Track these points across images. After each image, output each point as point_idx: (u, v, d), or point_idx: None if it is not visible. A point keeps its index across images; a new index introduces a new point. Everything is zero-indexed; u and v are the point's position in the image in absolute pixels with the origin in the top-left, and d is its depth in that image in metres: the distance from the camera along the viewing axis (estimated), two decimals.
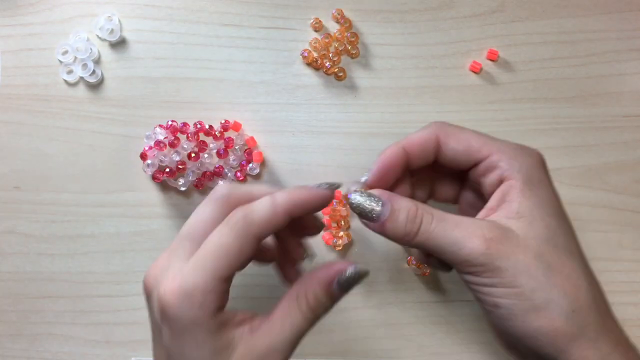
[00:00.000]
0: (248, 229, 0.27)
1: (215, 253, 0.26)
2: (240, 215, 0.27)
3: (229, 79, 0.44)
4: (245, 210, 0.27)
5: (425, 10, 0.45)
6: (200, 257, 0.26)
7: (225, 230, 0.27)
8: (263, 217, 0.27)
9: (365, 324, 0.43)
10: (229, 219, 0.27)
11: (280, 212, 0.27)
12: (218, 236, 0.27)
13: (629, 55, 0.45)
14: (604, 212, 0.44)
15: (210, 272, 0.26)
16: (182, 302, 0.25)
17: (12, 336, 0.42)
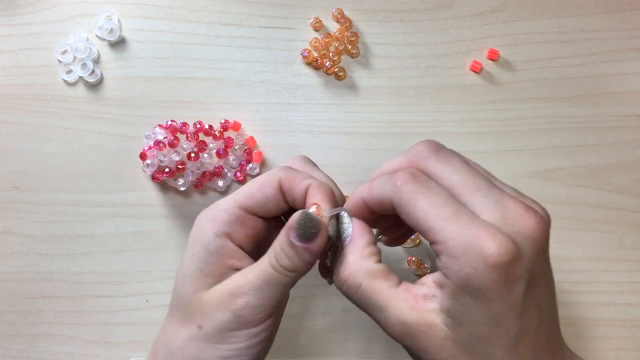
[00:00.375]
0: (274, 173, 0.30)
1: (243, 187, 0.31)
2: (281, 167, 0.31)
3: (228, 78, 0.44)
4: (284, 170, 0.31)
5: (425, 10, 0.45)
6: (235, 192, 0.31)
7: (260, 177, 0.31)
8: (289, 180, 0.30)
9: (365, 324, 0.43)
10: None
11: (302, 189, 0.30)
12: (254, 180, 0.31)
13: (630, 55, 0.45)
14: (604, 212, 0.43)
15: (232, 197, 0.30)
16: (203, 213, 0.31)
17: (11, 336, 0.42)
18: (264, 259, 0.29)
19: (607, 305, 0.43)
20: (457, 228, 0.25)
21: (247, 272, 0.29)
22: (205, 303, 0.29)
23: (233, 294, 0.29)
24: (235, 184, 0.44)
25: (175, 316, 0.30)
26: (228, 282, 0.29)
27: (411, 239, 0.42)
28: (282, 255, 0.29)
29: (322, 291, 0.43)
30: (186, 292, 0.30)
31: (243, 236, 0.30)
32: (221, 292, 0.29)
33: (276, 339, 0.42)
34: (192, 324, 0.29)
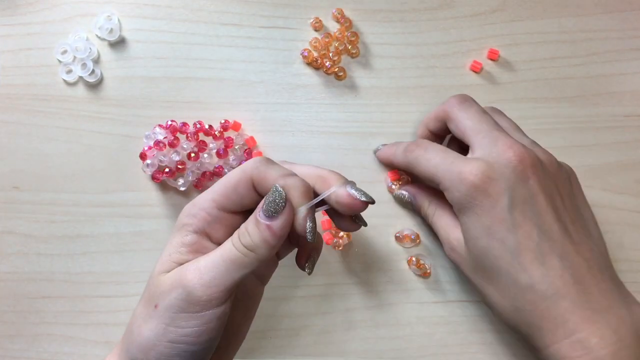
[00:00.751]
0: (246, 168, 0.31)
1: (218, 184, 0.32)
2: (251, 162, 0.31)
3: (228, 78, 0.44)
4: (257, 158, 0.32)
5: (425, 10, 0.45)
6: (211, 187, 0.32)
7: (232, 173, 0.32)
8: (262, 178, 0.31)
9: (365, 324, 0.43)
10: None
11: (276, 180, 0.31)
12: (227, 175, 0.32)
13: (630, 55, 0.45)
14: (604, 212, 0.43)
15: (210, 195, 0.32)
16: (185, 209, 0.32)
17: (11, 336, 0.42)
18: (226, 241, 0.30)
19: None
20: (445, 170, 0.35)
21: (211, 253, 0.30)
22: (164, 281, 0.30)
23: (187, 270, 0.29)
24: None
25: (142, 299, 0.31)
26: (187, 264, 0.30)
27: (411, 238, 0.42)
28: (245, 233, 0.30)
29: (322, 291, 0.43)
30: (152, 275, 0.31)
31: (222, 233, 0.32)
32: (178, 272, 0.30)
33: (276, 339, 0.43)
34: (151, 304, 0.30)
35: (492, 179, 0.33)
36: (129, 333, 0.31)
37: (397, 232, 0.43)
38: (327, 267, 0.43)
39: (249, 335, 0.36)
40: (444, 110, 0.38)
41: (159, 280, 0.30)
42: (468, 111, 0.37)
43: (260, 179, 0.31)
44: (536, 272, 0.32)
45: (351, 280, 0.43)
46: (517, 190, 0.33)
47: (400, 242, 0.43)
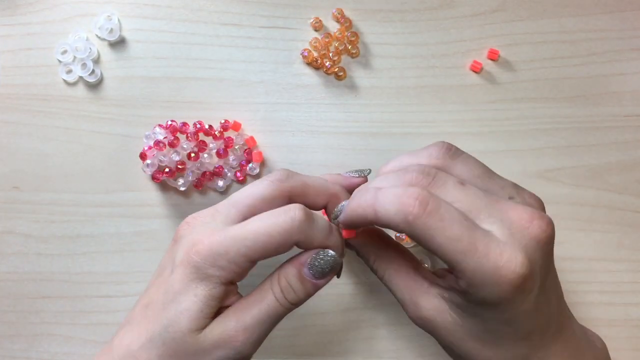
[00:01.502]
0: (293, 231, 0.28)
1: (255, 236, 0.28)
2: (296, 215, 0.28)
3: (228, 78, 0.44)
4: (302, 215, 0.28)
5: (425, 10, 0.45)
6: (242, 232, 0.28)
7: (273, 221, 0.28)
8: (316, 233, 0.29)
9: (365, 324, 0.43)
10: (285, 212, 0.28)
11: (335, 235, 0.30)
12: (266, 224, 0.28)
13: (630, 55, 0.45)
14: (604, 212, 0.43)
15: (243, 248, 0.28)
16: (207, 257, 0.28)
17: (11, 337, 0.42)
18: (265, 292, 0.29)
19: (607, 305, 0.43)
20: (475, 262, 0.25)
21: (248, 307, 0.29)
22: (202, 342, 0.28)
23: (235, 331, 0.28)
24: (235, 184, 0.44)
25: (158, 347, 0.29)
26: (226, 318, 0.29)
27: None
28: (290, 290, 0.29)
29: (322, 291, 0.43)
30: (179, 329, 0.28)
31: (243, 277, 0.30)
32: (221, 330, 0.29)
33: (276, 339, 0.43)
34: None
35: (530, 274, 0.26)
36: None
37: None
38: None
39: None
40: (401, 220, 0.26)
41: (195, 339, 0.28)
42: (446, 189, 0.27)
43: (306, 242, 0.29)
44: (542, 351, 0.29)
45: (351, 280, 0.43)
46: (543, 272, 0.27)
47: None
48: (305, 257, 0.29)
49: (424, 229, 0.25)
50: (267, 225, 0.28)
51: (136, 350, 0.29)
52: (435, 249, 0.26)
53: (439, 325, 0.29)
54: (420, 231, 0.26)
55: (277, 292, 0.29)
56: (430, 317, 0.29)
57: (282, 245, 0.28)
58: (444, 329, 0.29)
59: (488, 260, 0.25)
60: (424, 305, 0.29)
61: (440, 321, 0.29)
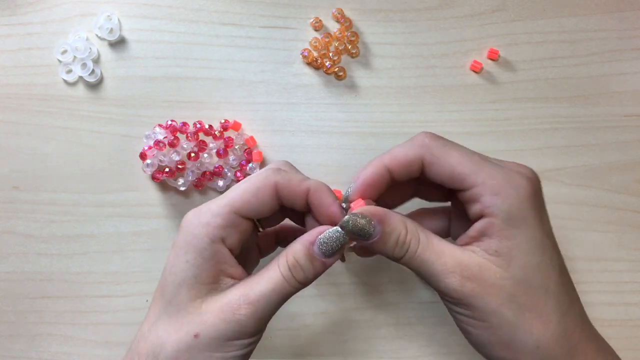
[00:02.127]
0: (269, 174, 0.30)
1: (235, 190, 0.30)
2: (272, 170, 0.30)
3: (228, 78, 0.44)
4: (278, 172, 0.30)
5: (425, 10, 0.45)
6: (224, 194, 0.30)
7: (252, 178, 0.30)
8: (287, 183, 0.30)
9: (365, 324, 0.43)
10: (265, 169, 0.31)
11: (302, 192, 0.30)
12: (245, 181, 0.30)
13: (630, 55, 0.45)
14: (604, 212, 0.43)
15: (225, 200, 0.30)
16: (193, 217, 0.30)
17: (11, 336, 0.42)
18: (273, 270, 0.29)
19: (607, 305, 0.43)
20: (492, 169, 0.29)
21: (254, 283, 0.29)
22: (204, 312, 0.29)
23: (239, 304, 0.28)
24: (235, 184, 0.44)
25: (163, 321, 0.29)
26: (231, 291, 0.29)
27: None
28: (298, 268, 0.29)
29: (322, 291, 0.43)
30: (181, 300, 0.29)
31: (235, 240, 0.30)
32: (223, 302, 0.29)
33: (276, 339, 0.43)
34: (187, 332, 0.28)
35: (540, 191, 0.30)
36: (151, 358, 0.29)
37: None
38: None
39: None
40: (417, 152, 0.31)
41: (195, 308, 0.29)
42: (453, 148, 0.31)
43: (285, 184, 0.30)
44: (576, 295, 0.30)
45: (351, 280, 0.43)
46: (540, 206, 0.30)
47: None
48: (313, 235, 0.29)
49: (441, 146, 0.30)
50: (247, 179, 0.30)
51: (147, 331, 0.30)
52: (454, 162, 0.30)
53: (480, 289, 0.28)
54: (438, 149, 0.30)
55: (285, 270, 0.29)
56: (475, 277, 0.28)
57: (261, 189, 0.29)
58: (486, 292, 0.28)
59: (503, 170, 0.29)
60: (470, 266, 0.28)
61: (484, 281, 0.28)
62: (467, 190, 0.30)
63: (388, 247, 0.30)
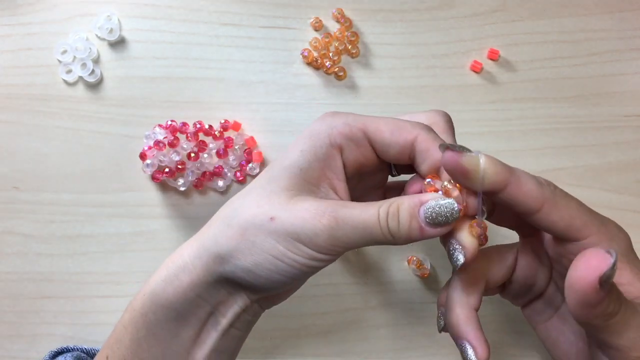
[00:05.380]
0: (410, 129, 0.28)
1: (373, 118, 0.29)
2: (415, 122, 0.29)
3: (228, 78, 0.44)
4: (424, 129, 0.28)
5: (425, 10, 0.45)
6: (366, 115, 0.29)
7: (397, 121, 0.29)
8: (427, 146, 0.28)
9: (365, 324, 0.43)
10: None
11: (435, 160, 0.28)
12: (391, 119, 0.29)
13: (630, 55, 0.45)
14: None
15: (363, 119, 0.29)
16: (326, 116, 0.29)
17: (11, 337, 0.42)
18: (372, 206, 0.27)
19: None
20: (601, 221, 0.29)
21: (350, 205, 0.27)
22: (291, 203, 0.27)
23: (324, 212, 0.27)
24: (236, 184, 0.44)
25: (254, 193, 0.28)
26: (325, 200, 0.28)
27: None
28: (395, 219, 0.27)
29: (322, 291, 0.43)
30: (278, 183, 0.28)
31: (352, 158, 0.29)
32: (312, 203, 0.27)
33: (276, 338, 0.43)
34: (266, 211, 0.27)
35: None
36: (230, 220, 0.28)
37: None
38: (328, 267, 0.43)
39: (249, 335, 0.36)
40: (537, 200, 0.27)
41: (287, 197, 0.28)
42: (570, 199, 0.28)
43: (426, 141, 0.28)
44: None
45: (351, 280, 0.43)
46: None
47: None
48: (427, 197, 0.27)
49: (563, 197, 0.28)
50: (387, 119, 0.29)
51: (236, 198, 0.29)
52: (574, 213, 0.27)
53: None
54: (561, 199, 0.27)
55: (383, 213, 0.27)
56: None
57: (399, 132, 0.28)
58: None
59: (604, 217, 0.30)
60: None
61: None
62: (579, 241, 0.28)
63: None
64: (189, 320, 0.29)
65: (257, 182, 0.29)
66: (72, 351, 0.40)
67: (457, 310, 0.28)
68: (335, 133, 0.28)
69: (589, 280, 0.23)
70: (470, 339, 0.28)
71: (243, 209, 0.28)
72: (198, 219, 0.43)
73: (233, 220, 0.28)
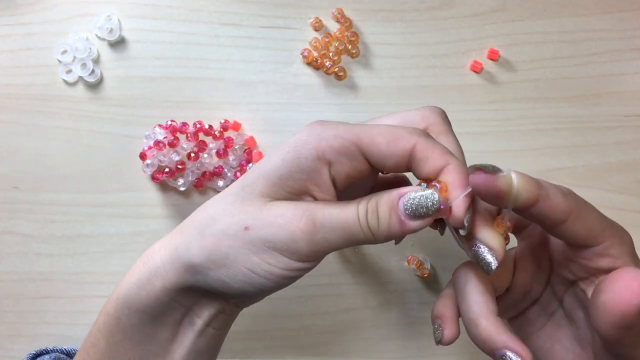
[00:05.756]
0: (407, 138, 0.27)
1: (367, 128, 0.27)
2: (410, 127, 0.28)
3: (228, 78, 0.44)
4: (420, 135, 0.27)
5: (425, 10, 0.45)
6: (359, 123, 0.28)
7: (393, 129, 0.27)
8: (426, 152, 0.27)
9: (365, 324, 0.43)
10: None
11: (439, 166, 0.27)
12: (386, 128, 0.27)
13: (630, 55, 0.45)
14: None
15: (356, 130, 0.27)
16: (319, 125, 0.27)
17: (10, 337, 0.42)
18: (351, 204, 0.27)
19: None
20: (612, 225, 0.28)
21: (327, 206, 0.27)
22: (265, 210, 0.26)
23: (301, 216, 0.26)
24: None
25: (227, 200, 0.27)
26: (300, 205, 0.26)
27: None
28: (375, 215, 0.26)
29: (322, 291, 0.43)
30: (253, 190, 0.27)
31: (343, 173, 0.27)
32: (287, 207, 0.26)
33: (276, 338, 0.43)
34: (239, 220, 0.26)
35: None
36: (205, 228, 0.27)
37: None
38: (327, 267, 0.43)
39: (249, 335, 0.36)
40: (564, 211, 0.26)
41: (262, 203, 0.27)
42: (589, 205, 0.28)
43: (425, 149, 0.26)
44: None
45: (351, 280, 0.43)
46: None
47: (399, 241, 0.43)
48: (406, 189, 0.26)
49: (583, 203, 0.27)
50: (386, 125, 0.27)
51: (209, 203, 0.28)
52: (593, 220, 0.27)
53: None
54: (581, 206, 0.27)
55: (362, 210, 0.26)
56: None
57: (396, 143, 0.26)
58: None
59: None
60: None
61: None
62: (597, 246, 0.27)
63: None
64: (164, 321, 0.29)
65: (232, 188, 0.28)
66: (50, 353, 0.40)
67: (483, 323, 0.27)
68: (323, 146, 0.26)
69: (632, 304, 0.23)
70: (511, 346, 0.27)
71: (217, 217, 0.27)
72: None
73: (207, 229, 0.27)
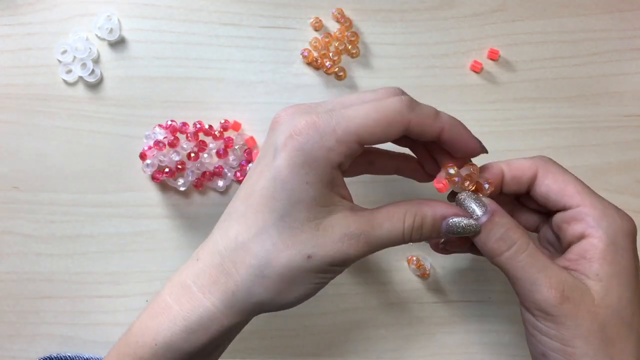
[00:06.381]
0: (403, 109, 0.28)
1: (366, 113, 0.28)
2: (403, 95, 0.29)
3: (228, 78, 0.44)
4: (407, 96, 0.29)
5: (425, 10, 0.45)
6: (350, 112, 0.28)
7: (384, 109, 0.28)
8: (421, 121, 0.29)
9: (365, 324, 0.43)
10: (391, 93, 0.30)
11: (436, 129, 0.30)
12: (375, 104, 0.28)
13: (631, 55, 0.45)
14: None
15: (353, 127, 0.28)
16: (315, 134, 0.28)
17: (10, 337, 0.42)
18: (397, 220, 0.29)
19: None
20: (600, 198, 0.30)
21: (377, 224, 0.29)
22: (320, 235, 0.28)
23: (358, 240, 0.29)
24: (236, 184, 0.44)
25: (272, 235, 0.28)
26: (350, 223, 0.29)
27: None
28: (419, 232, 0.30)
29: (322, 291, 0.43)
30: (297, 219, 0.28)
31: (348, 164, 0.29)
32: (343, 231, 0.29)
33: (276, 339, 0.43)
34: (299, 251, 0.28)
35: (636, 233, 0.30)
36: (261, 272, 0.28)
37: None
38: None
39: (249, 335, 0.36)
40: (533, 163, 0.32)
41: (313, 229, 0.28)
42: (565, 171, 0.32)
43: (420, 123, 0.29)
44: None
45: (351, 280, 0.43)
46: None
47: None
48: (450, 211, 0.30)
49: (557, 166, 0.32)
50: (376, 104, 0.28)
51: (247, 241, 0.29)
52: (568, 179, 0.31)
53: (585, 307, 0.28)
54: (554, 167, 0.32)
55: (408, 227, 0.29)
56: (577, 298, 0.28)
57: (393, 124, 0.28)
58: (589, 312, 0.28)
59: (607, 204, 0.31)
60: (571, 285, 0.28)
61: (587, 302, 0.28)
62: (571, 209, 0.30)
63: (490, 237, 0.29)
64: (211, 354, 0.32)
65: (262, 222, 0.29)
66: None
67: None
68: (333, 157, 0.28)
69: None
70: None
71: (271, 255, 0.28)
72: (198, 219, 0.43)
73: (266, 269, 0.28)
